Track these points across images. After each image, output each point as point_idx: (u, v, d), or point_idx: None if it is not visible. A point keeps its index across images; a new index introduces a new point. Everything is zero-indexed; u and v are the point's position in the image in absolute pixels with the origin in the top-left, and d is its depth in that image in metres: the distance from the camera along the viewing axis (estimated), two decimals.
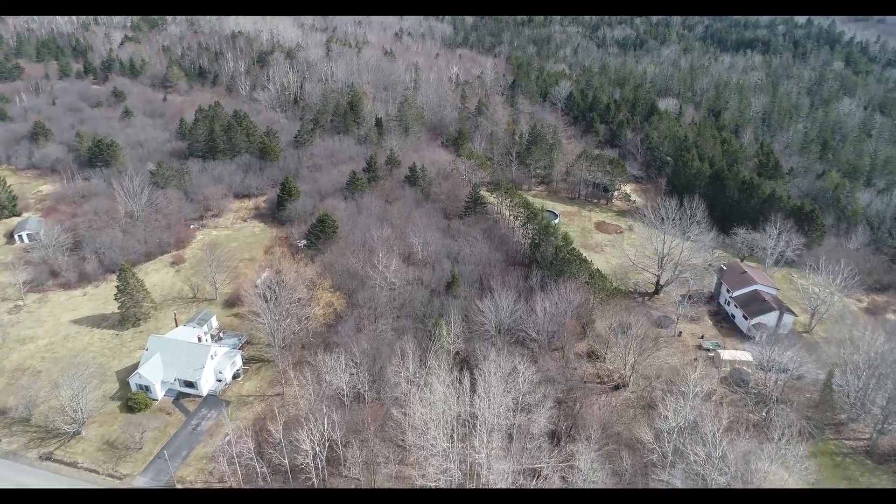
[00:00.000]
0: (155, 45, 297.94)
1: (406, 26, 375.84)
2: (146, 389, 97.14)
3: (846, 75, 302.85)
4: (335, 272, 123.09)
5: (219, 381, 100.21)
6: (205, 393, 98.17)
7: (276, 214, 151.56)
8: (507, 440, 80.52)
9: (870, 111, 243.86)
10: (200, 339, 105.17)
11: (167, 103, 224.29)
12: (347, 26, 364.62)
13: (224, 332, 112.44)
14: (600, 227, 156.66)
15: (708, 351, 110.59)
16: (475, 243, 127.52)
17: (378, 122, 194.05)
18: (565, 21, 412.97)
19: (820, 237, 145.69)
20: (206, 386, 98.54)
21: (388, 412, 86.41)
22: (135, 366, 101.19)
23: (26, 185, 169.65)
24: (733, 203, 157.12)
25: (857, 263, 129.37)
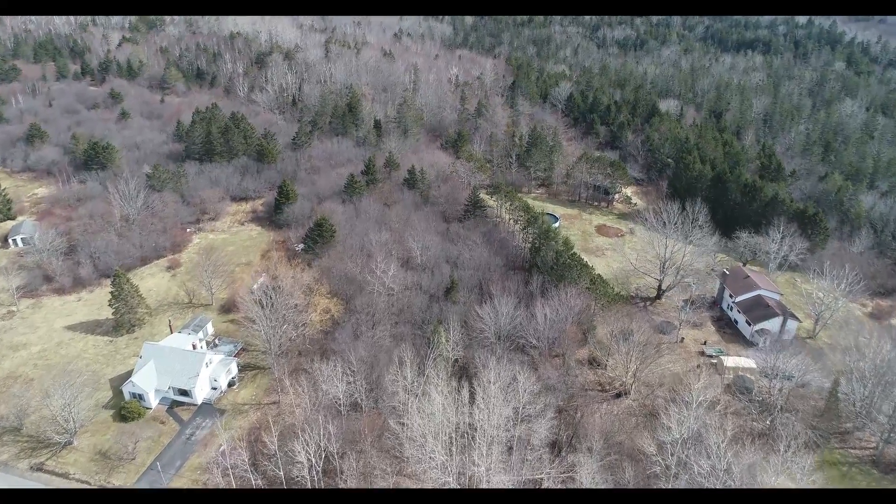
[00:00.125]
0: (153, 47, 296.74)
1: (405, 27, 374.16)
2: (140, 398, 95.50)
3: (848, 76, 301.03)
4: (333, 277, 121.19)
5: (214, 390, 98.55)
6: (199, 401, 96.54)
7: (274, 218, 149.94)
8: (507, 452, 78.90)
9: (872, 112, 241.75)
10: (195, 347, 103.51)
11: (165, 105, 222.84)
12: (346, 27, 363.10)
13: (220, 339, 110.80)
14: (601, 231, 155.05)
15: (711, 357, 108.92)
16: (474, 247, 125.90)
17: (377, 124, 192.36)
18: (565, 21, 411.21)
19: (823, 241, 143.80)
20: (201, 394, 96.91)
21: (386, 422, 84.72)
22: (129, 373, 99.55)
23: (21, 188, 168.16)
24: (735, 206, 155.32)
25: (861, 267, 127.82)
